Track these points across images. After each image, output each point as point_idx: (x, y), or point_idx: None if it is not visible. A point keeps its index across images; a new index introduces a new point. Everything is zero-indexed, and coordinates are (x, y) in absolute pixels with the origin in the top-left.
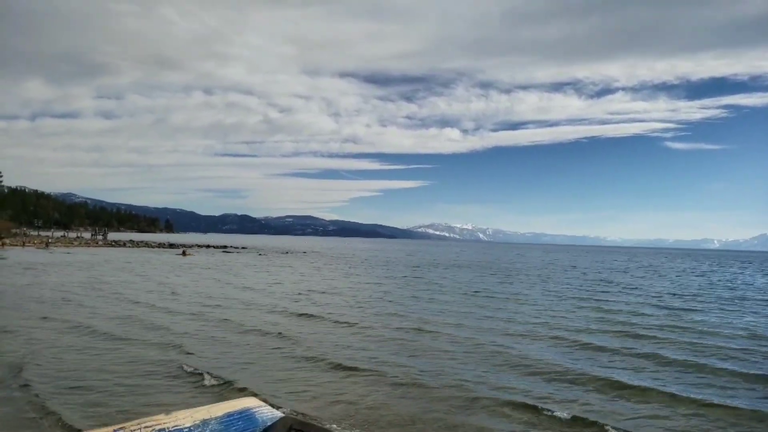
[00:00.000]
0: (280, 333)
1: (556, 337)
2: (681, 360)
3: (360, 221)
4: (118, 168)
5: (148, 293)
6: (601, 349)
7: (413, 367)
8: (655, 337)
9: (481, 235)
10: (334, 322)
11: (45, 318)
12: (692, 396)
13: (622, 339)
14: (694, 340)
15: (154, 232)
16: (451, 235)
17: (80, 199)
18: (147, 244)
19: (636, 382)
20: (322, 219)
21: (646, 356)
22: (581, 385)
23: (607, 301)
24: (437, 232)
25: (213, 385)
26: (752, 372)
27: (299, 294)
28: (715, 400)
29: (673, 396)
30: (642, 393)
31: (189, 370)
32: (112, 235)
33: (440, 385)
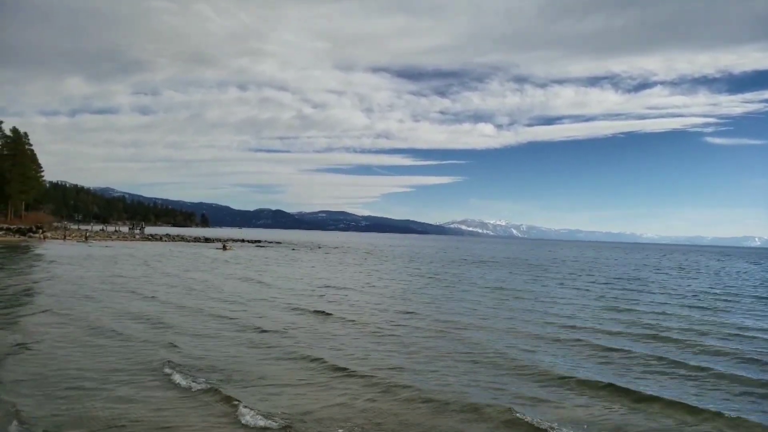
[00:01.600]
0: (275, 330)
1: (579, 342)
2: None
3: (393, 217)
4: (155, 163)
5: (185, 291)
6: (614, 350)
7: (408, 370)
8: (678, 340)
9: (515, 232)
10: (356, 322)
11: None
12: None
13: (633, 340)
14: (710, 343)
15: (190, 226)
16: (485, 231)
17: (118, 194)
18: (183, 238)
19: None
20: (355, 215)
21: (657, 359)
22: (587, 390)
23: (631, 300)
24: (470, 228)
25: (197, 391)
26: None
27: (324, 288)
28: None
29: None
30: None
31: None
32: (149, 229)
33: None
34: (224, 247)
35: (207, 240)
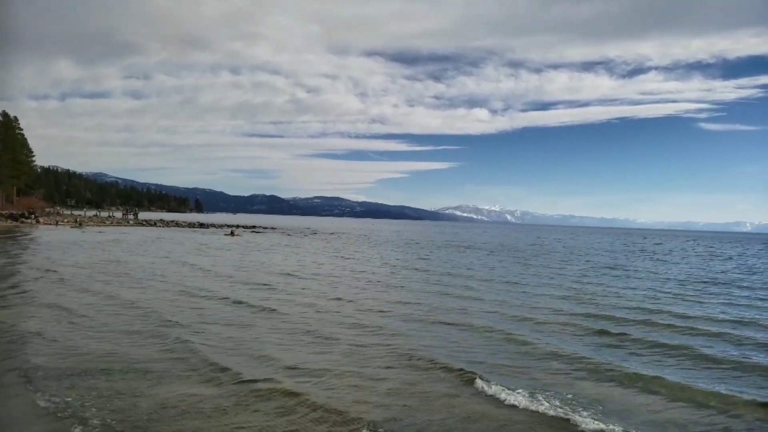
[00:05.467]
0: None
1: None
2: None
3: (388, 203)
4: (148, 148)
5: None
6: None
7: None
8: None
9: (509, 217)
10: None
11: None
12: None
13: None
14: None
15: (184, 211)
16: (479, 216)
17: (111, 179)
18: (177, 224)
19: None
20: (350, 200)
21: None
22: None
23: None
24: (465, 214)
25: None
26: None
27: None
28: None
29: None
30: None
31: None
32: (143, 215)
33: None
34: (232, 233)
35: (202, 225)
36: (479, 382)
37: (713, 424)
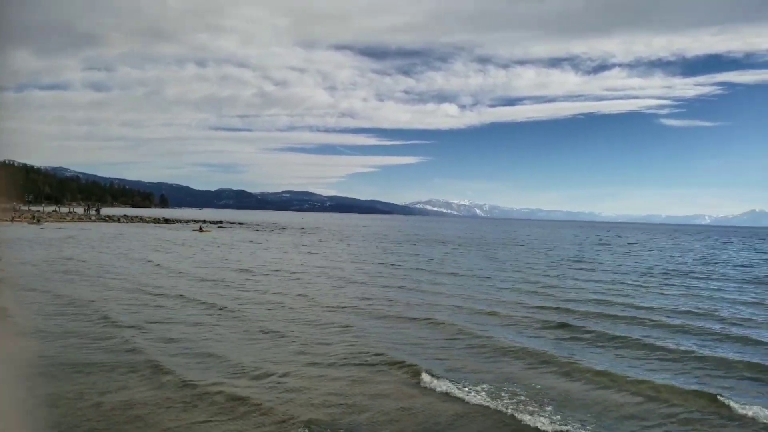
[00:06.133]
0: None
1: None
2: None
3: (358, 197)
4: (111, 142)
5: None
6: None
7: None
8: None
9: (478, 211)
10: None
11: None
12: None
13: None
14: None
15: (149, 207)
16: (449, 211)
17: (72, 174)
18: (142, 220)
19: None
20: (320, 195)
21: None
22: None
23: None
24: (435, 208)
25: None
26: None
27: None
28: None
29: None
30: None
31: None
32: (106, 210)
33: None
34: (201, 229)
35: (167, 221)
36: (426, 377)
37: (663, 417)
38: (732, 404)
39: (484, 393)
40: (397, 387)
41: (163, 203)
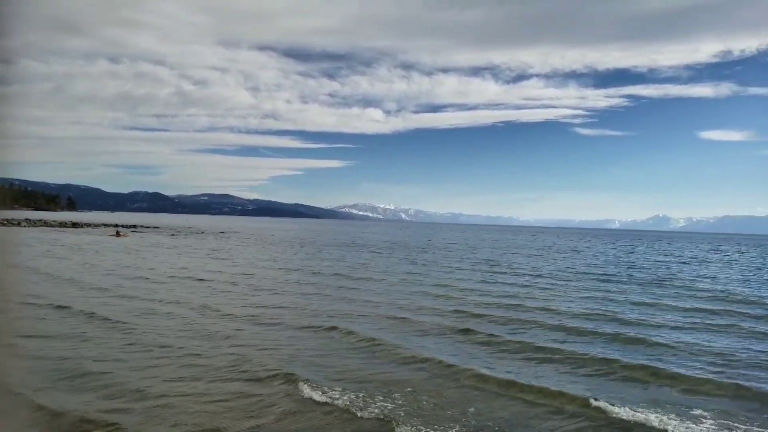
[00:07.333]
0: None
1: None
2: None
3: (282, 200)
4: (9, 140)
5: None
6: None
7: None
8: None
9: (403, 215)
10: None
11: None
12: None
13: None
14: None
15: (55, 210)
16: (375, 215)
17: None
18: (46, 223)
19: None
20: (241, 198)
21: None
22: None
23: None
24: (361, 212)
25: None
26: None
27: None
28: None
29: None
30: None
31: None
32: (4, 213)
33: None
34: (117, 234)
35: (75, 225)
36: (305, 388)
37: (535, 417)
38: (604, 406)
39: (360, 401)
40: (277, 399)
41: (71, 206)
